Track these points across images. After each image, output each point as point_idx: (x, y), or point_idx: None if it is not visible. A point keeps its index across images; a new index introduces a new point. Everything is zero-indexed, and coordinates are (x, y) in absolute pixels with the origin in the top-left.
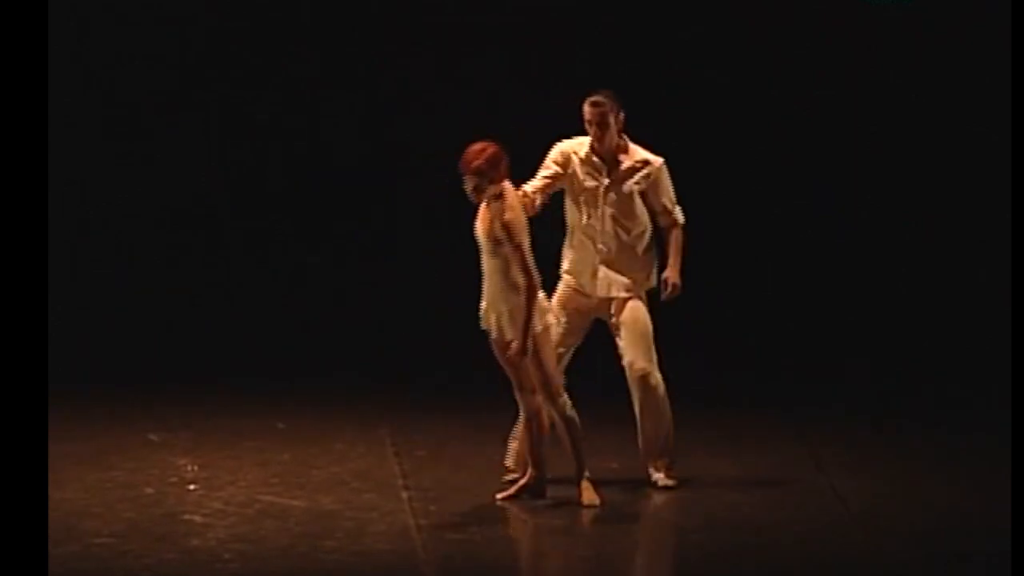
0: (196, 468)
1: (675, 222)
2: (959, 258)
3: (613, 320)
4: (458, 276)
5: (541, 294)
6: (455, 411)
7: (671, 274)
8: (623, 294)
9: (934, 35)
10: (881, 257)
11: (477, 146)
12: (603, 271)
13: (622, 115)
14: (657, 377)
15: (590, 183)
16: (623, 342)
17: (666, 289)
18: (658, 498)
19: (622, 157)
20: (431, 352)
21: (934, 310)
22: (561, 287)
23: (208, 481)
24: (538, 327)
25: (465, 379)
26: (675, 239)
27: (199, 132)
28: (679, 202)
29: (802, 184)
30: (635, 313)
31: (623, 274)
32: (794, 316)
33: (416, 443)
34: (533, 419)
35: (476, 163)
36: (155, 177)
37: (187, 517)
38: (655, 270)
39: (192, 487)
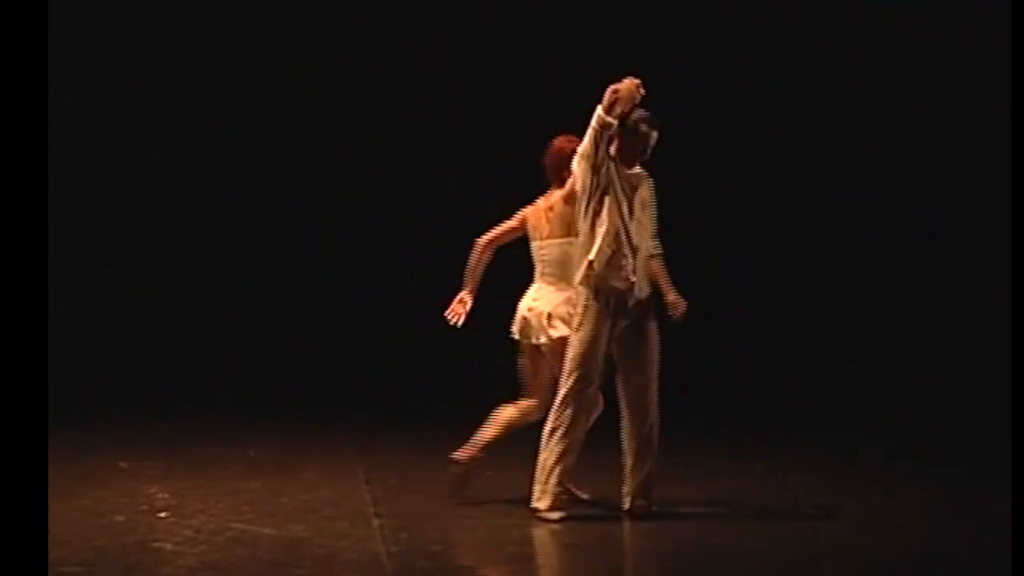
0: (167, 496)
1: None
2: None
3: None
4: (429, 306)
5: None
6: (426, 439)
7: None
8: None
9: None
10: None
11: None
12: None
13: None
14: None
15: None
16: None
17: (677, 311)
18: (629, 525)
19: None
20: (402, 380)
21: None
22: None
23: (178, 509)
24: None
25: (437, 407)
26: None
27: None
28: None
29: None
30: None
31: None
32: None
33: (387, 471)
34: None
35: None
36: (113, 204)
37: (157, 545)
38: None
39: (162, 515)
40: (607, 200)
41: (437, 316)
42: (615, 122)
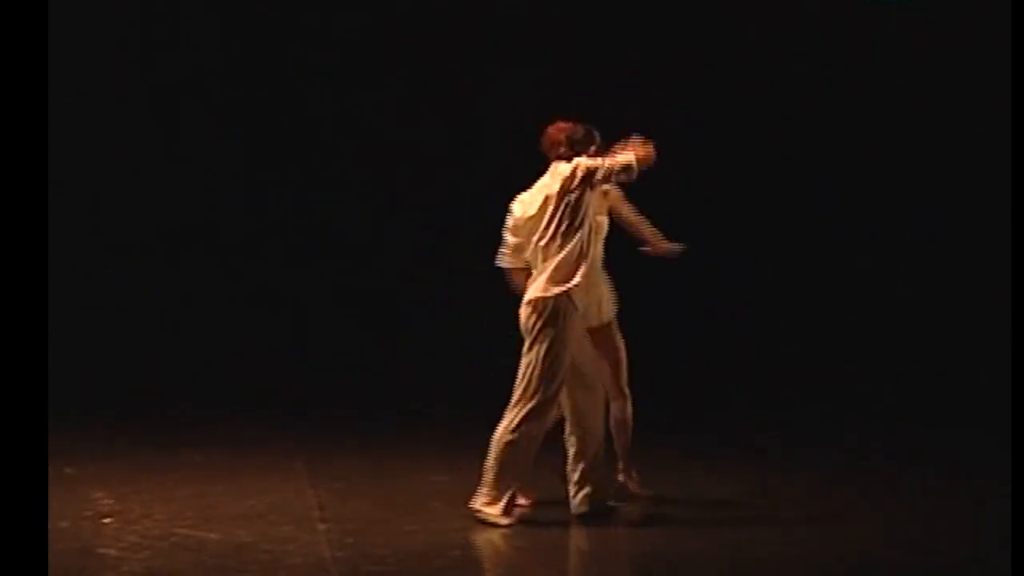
0: (111, 502)
1: None
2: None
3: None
4: (376, 312)
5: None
6: (373, 444)
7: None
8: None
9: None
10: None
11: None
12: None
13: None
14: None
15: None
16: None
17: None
18: (580, 529)
19: None
20: (349, 386)
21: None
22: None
23: (123, 515)
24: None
25: (383, 413)
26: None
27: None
28: None
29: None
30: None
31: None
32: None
33: (334, 476)
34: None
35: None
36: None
37: (102, 551)
38: None
39: (107, 520)
40: (586, 226)
41: (385, 326)
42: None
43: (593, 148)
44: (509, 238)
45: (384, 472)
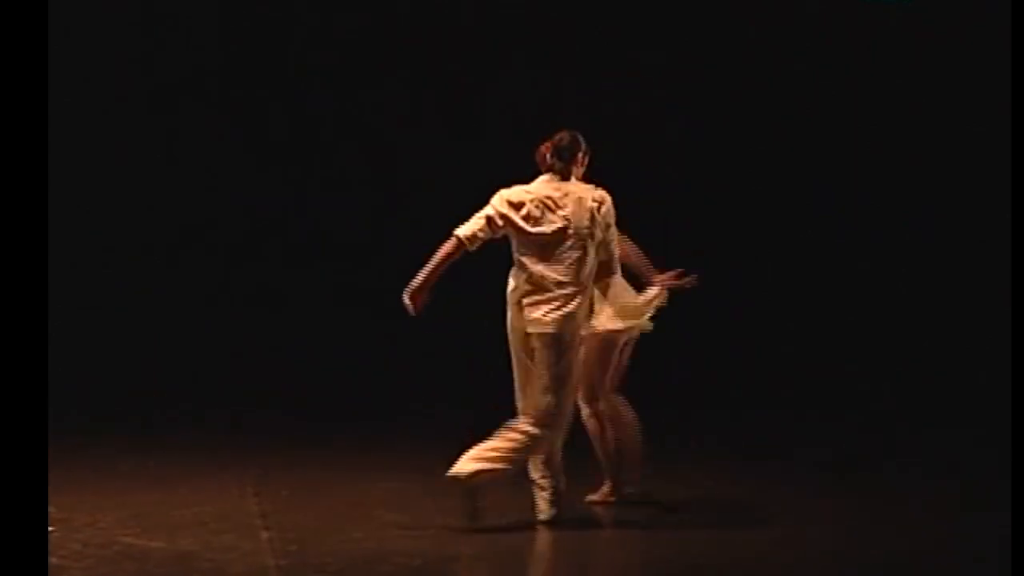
0: (54, 510)
1: None
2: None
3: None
4: (325, 323)
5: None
6: (318, 453)
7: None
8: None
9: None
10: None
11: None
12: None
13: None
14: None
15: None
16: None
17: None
18: (534, 535)
19: None
20: (294, 394)
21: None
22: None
23: (66, 523)
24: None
25: (328, 421)
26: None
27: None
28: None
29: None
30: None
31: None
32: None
33: (278, 484)
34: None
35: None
36: None
37: None
38: None
39: (50, 529)
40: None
41: (332, 338)
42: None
43: (580, 154)
44: (490, 228)
45: (329, 480)
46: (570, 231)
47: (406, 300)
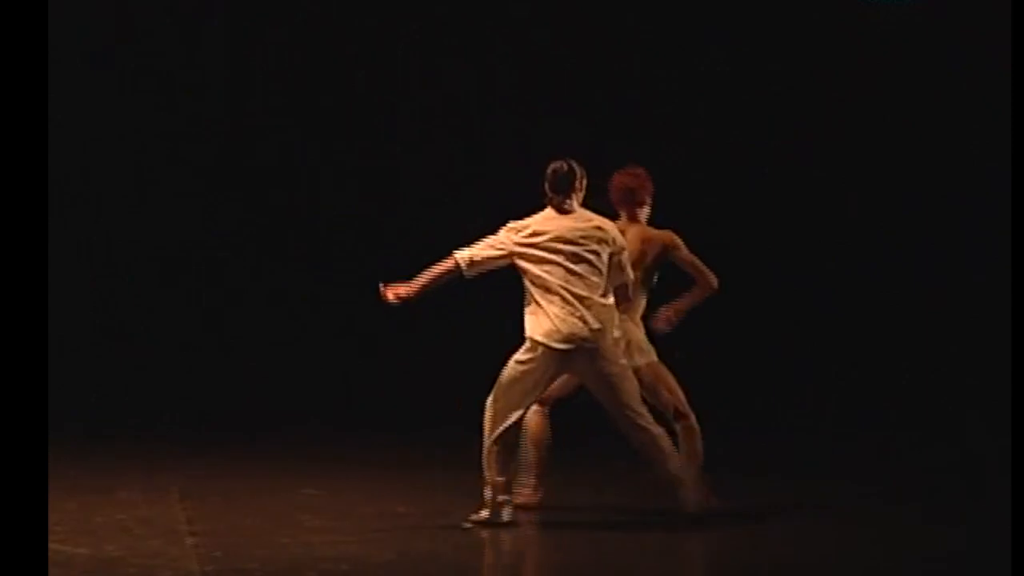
0: None
1: None
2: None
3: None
4: (253, 329)
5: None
6: (244, 460)
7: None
8: None
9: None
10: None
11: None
12: None
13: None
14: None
15: None
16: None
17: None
18: (459, 540)
19: None
20: (223, 401)
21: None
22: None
23: None
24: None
25: (255, 428)
26: None
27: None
28: None
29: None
30: None
31: None
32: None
33: (205, 490)
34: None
35: None
36: None
37: None
38: None
39: None
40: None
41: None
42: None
43: (577, 183)
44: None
45: (256, 487)
46: None
47: (388, 293)
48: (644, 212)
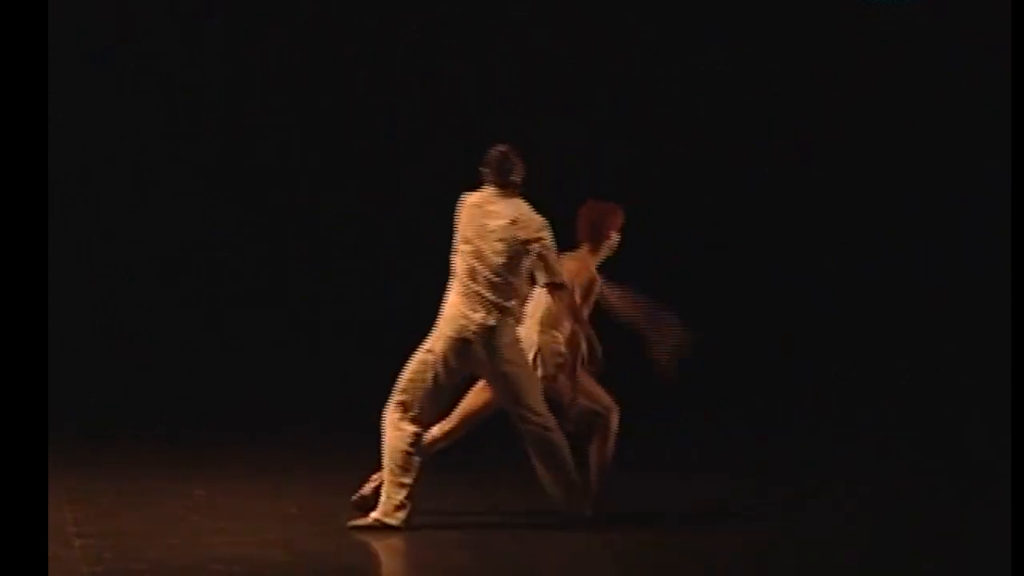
0: None
1: None
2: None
3: None
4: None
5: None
6: (134, 461)
7: None
8: None
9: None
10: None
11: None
12: None
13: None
14: None
15: None
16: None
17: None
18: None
19: None
20: (118, 402)
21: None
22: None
23: None
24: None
25: (144, 429)
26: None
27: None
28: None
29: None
30: None
31: None
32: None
33: (93, 493)
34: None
35: None
36: None
37: None
38: None
39: None
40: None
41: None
42: None
43: (517, 169)
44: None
45: (146, 488)
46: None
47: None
48: (607, 245)
